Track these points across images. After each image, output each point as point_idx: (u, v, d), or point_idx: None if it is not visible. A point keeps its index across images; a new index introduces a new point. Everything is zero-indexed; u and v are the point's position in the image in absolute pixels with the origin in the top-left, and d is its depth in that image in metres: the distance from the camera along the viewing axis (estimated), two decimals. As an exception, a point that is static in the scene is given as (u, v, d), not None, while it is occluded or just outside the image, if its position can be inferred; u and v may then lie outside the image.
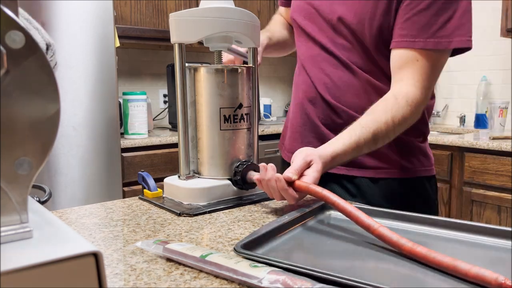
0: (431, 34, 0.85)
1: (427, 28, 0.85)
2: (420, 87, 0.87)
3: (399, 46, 0.88)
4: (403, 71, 0.88)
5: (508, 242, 0.58)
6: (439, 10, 0.85)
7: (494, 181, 2.04)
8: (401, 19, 0.87)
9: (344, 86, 0.97)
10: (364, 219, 0.59)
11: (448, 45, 0.86)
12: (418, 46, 0.86)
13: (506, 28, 2.24)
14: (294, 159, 0.76)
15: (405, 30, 0.87)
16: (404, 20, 0.87)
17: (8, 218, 0.33)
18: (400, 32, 0.88)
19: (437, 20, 0.85)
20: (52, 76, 0.32)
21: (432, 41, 0.85)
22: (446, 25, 0.85)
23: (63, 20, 1.68)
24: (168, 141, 2.15)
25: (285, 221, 0.64)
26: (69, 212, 0.76)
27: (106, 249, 0.58)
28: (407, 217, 0.67)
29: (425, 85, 0.87)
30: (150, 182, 0.84)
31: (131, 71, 2.63)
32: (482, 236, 0.60)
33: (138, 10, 2.25)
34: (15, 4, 0.35)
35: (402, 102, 0.85)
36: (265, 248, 0.57)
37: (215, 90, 0.80)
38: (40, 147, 0.33)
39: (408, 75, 0.87)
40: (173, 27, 0.79)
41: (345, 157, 0.82)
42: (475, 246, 0.59)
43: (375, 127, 0.83)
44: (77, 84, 1.72)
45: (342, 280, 0.44)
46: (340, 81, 0.97)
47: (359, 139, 0.82)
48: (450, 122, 2.84)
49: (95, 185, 1.79)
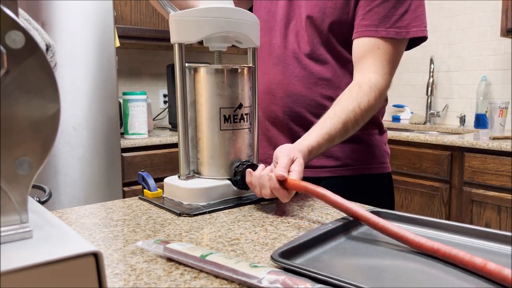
0: (391, 24, 0.93)
1: (387, 19, 0.93)
2: (381, 73, 0.92)
3: (363, 35, 0.94)
4: (364, 60, 0.94)
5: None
6: (396, 4, 0.92)
7: (494, 181, 2.04)
8: (362, 11, 0.94)
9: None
10: (381, 222, 0.58)
11: (407, 34, 0.93)
12: (380, 34, 0.93)
13: (506, 28, 2.24)
14: (278, 156, 0.76)
15: (367, 20, 0.94)
16: (366, 12, 0.94)
17: (8, 218, 0.33)
18: (363, 23, 0.94)
19: (395, 12, 0.93)
20: (52, 76, 0.32)
21: (392, 31, 0.93)
22: (403, 16, 0.93)
23: (63, 20, 1.68)
24: (168, 141, 2.15)
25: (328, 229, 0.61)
26: (69, 212, 0.76)
27: (106, 249, 0.58)
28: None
29: (386, 71, 0.93)
30: (150, 182, 0.84)
31: (131, 71, 2.63)
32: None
33: (138, 10, 2.25)
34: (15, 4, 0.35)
35: (365, 89, 0.90)
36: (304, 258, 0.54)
37: (215, 90, 0.80)
38: (40, 147, 0.33)
39: (369, 63, 0.93)
40: (173, 27, 0.79)
41: (320, 149, 0.84)
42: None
43: (344, 116, 0.86)
44: (77, 84, 1.72)
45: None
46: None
47: (330, 130, 0.85)
48: (450, 122, 2.84)
49: (95, 185, 1.79)
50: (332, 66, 1.00)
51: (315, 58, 1.00)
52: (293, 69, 1.01)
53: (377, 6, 0.93)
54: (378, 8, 0.93)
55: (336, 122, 0.85)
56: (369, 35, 0.93)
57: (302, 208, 0.78)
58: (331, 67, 1.00)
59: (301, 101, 1.01)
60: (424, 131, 2.75)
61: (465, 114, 2.74)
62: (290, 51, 1.01)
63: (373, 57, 0.93)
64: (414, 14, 0.93)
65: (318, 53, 0.99)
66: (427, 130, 2.75)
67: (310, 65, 1.00)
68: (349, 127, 0.87)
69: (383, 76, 0.92)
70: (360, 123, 0.90)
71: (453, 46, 2.78)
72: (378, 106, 0.94)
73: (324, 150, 0.86)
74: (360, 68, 0.94)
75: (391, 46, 0.93)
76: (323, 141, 0.84)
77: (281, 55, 1.02)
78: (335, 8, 0.96)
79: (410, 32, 0.93)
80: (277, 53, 1.03)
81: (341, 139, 0.89)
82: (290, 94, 1.01)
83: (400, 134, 2.40)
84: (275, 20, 1.04)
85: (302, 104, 1.01)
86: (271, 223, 0.69)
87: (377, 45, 0.93)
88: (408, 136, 2.33)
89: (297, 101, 1.01)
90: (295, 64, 1.01)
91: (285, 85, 1.01)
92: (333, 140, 0.86)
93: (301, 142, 0.82)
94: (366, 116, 0.90)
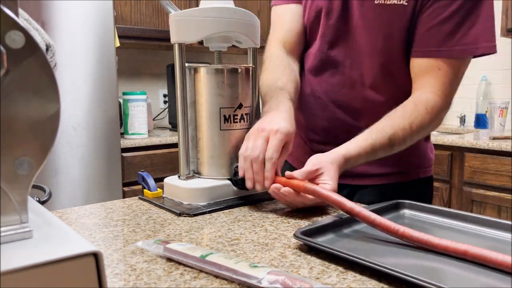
0: (455, 42, 0.83)
1: (451, 37, 0.83)
2: (441, 95, 0.86)
3: (423, 55, 0.86)
4: (424, 78, 0.87)
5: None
6: (463, 17, 0.82)
7: (494, 181, 2.04)
8: (423, 28, 0.85)
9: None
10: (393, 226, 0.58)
11: (475, 51, 0.84)
12: (443, 55, 0.84)
13: (506, 28, 2.25)
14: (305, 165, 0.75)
15: (428, 40, 0.85)
16: (428, 29, 0.85)
17: (8, 218, 0.33)
18: (423, 42, 0.86)
19: (461, 27, 0.83)
20: (52, 76, 0.32)
21: (457, 49, 0.84)
22: (470, 31, 0.83)
23: (63, 20, 1.68)
24: (168, 141, 2.15)
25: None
26: (69, 212, 0.76)
27: (106, 249, 0.58)
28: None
29: (446, 93, 0.86)
30: (150, 182, 0.84)
31: (131, 71, 2.63)
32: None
33: (138, 10, 2.25)
34: (15, 4, 0.35)
35: (421, 109, 0.84)
36: (326, 237, 0.59)
37: (215, 90, 0.80)
38: (40, 147, 0.33)
39: (429, 83, 0.86)
40: (173, 27, 0.79)
41: (359, 159, 0.81)
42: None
43: (392, 132, 0.82)
44: (77, 84, 1.72)
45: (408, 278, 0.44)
46: None
47: (375, 143, 0.81)
48: (450, 122, 2.84)
49: (95, 185, 1.79)
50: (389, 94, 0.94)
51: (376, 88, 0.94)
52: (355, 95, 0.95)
53: (440, 23, 0.83)
54: (441, 25, 0.83)
55: (382, 137, 0.82)
56: (429, 56, 0.85)
57: (302, 208, 0.78)
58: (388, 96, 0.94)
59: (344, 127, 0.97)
60: (424, 131, 2.75)
61: (465, 114, 2.74)
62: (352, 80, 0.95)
63: (434, 78, 0.85)
64: (483, 26, 0.83)
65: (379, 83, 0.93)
66: (427, 130, 2.75)
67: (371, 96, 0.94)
68: (395, 144, 0.83)
69: (442, 98, 0.86)
70: (408, 143, 0.86)
71: (453, 46, 2.78)
72: (432, 128, 0.89)
73: (363, 162, 0.82)
74: (418, 86, 0.88)
75: (453, 66, 0.85)
76: (364, 152, 0.80)
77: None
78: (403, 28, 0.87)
79: (478, 48, 0.84)
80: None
81: (385, 155, 0.85)
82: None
83: (400, 134, 2.40)
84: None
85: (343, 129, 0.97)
86: (271, 223, 0.69)
87: (438, 66, 0.85)
88: (408, 136, 2.33)
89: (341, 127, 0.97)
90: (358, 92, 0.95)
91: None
92: (376, 153, 0.82)
93: (336, 151, 0.79)
94: (415, 137, 0.86)
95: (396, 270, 0.45)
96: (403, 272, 0.44)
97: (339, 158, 0.77)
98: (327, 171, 0.73)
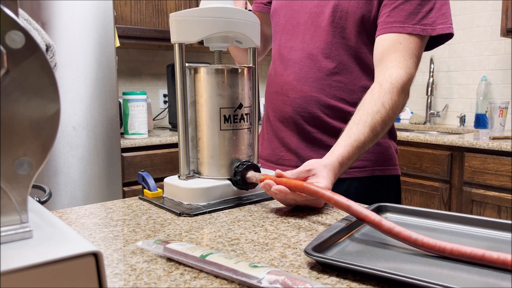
0: (417, 21, 0.92)
1: (413, 16, 0.92)
2: (403, 67, 0.90)
3: (388, 31, 0.93)
4: (386, 57, 0.92)
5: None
6: (421, 1, 0.92)
7: (494, 181, 2.04)
8: (387, 9, 0.94)
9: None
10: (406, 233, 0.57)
11: (432, 31, 0.92)
12: (406, 31, 0.91)
13: (506, 28, 2.24)
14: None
15: (393, 17, 0.93)
16: (391, 9, 0.93)
17: (8, 218, 0.33)
18: (388, 20, 0.93)
19: (421, 10, 0.92)
20: (52, 76, 0.32)
21: (418, 27, 0.92)
22: (429, 14, 0.92)
23: (63, 20, 1.68)
24: (168, 141, 2.15)
25: (352, 222, 0.62)
26: (69, 212, 0.76)
27: (106, 249, 0.58)
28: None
29: (408, 64, 0.91)
30: (150, 182, 0.84)
31: (131, 71, 2.63)
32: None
33: (138, 10, 2.25)
34: (15, 4, 0.35)
35: (387, 86, 0.88)
36: (334, 251, 0.56)
37: (215, 90, 0.80)
38: (40, 147, 0.33)
39: (390, 59, 0.91)
40: (173, 27, 0.79)
41: (352, 158, 0.82)
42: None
43: (369, 119, 0.84)
44: (77, 84, 1.72)
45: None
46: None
47: (358, 136, 0.83)
48: (450, 122, 2.84)
49: (95, 185, 1.79)
50: (348, 68, 0.98)
51: (332, 58, 0.98)
52: (307, 70, 1.00)
53: (402, 4, 0.92)
54: (404, 5, 0.92)
55: (363, 127, 0.83)
56: (395, 31, 0.92)
57: (302, 208, 0.78)
58: (347, 69, 0.98)
59: (314, 102, 1.00)
60: (424, 131, 2.75)
61: (465, 114, 2.74)
62: (306, 52, 1.01)
63: (395, 52, 0.91)
64: (439, 12, 0.92)
65: (335, 54, 0.98)
66: (427, 130, 2.75)
67: (325, 66, 0.99)
68: (378, 129, 0.85)
69: (405, 70, 0.90)
70: (389, 123, 0.88)
71: (453, 46, 2.78)
72: (403, 101, 0.91)
73: (356, 158, 0.83)
74: (381, 67, 0.92)
75: (414, 42, 0.92)
76: (353, 149, 0.81)
77: (297, 56, 1.02)
78: (357, 7, 0.95)
79: (436, 29, 0.92)
80: (294, 55, 1.02)
81: (372, 143, 0.86)
82: (304, 95, 1.00)
83: (400, 134, 2.40)
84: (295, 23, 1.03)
85: (315, 104, 1.00)
86: (271, 223, 0.69)
87: (399, 40, 0.91)
88: (408, 136, 2.33)
89: (310, 102, 1.00)
90: (310, 65, 1.00)
91: (299, 86, 1.01)
92: (364, 146, 0.83)
93: (330, 156, 0.80)
94: (393, 115, 0.88)
95: (400, 274, 0.44)
96: (406, 275, 0.44)
97: (334, 163, 0.78)
98: (320, 172, 0.75)
